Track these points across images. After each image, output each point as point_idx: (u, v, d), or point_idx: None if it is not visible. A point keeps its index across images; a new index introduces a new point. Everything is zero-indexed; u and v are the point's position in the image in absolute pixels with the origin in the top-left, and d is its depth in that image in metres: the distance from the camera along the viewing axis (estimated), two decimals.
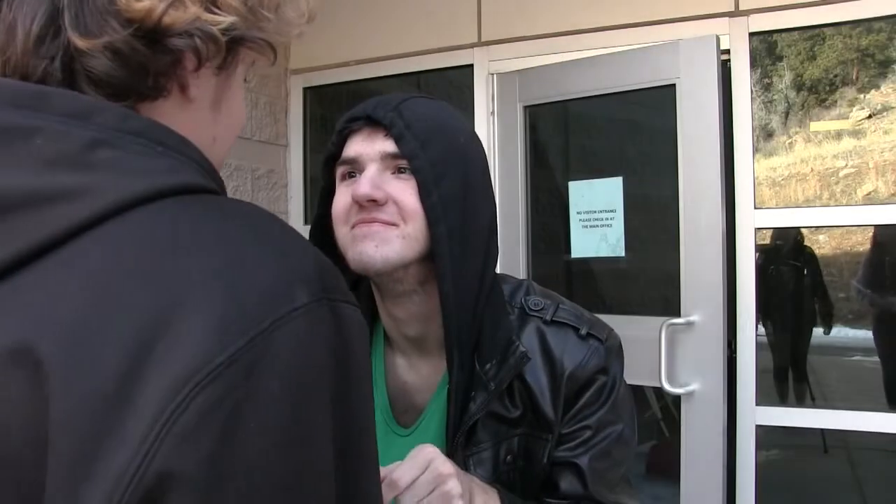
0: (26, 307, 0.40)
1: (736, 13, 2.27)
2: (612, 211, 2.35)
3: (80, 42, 0.44)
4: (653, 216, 2.56)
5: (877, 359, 2.97)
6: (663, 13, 2.36)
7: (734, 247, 2.26)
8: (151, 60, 0.45)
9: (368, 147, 0.88)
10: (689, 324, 2.16)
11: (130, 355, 0.37)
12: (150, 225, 0.41)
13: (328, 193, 0.94)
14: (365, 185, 0.85)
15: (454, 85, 2.83)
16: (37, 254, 0.40)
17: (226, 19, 0.46)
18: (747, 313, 2.25)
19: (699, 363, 2.16)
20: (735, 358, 2.26)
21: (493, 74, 2.62)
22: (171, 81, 0.47)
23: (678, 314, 2.18)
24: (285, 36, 0.52)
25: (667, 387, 2.14)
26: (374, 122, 0.89)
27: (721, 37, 2.20)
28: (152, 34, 0.45)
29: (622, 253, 2.35)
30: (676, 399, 2.31)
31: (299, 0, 0.52)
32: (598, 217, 2.39)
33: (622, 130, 2.71)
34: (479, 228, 0.91)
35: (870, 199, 2.52)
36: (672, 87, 2.19)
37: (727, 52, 2.26)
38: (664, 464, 3.08)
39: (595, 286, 2.68)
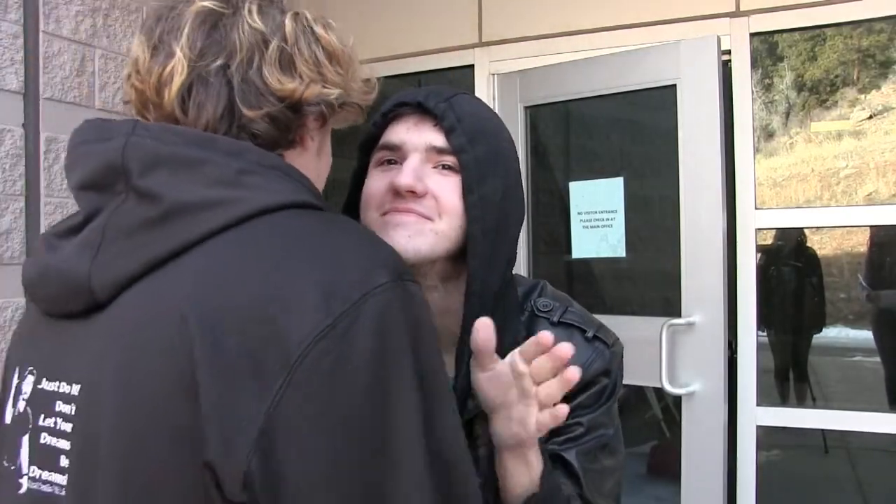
0: (187, 282, 0.58)
1: (737, 13, 2.27)
2: (612, 211, 2.35)
3: (248, 113, 0.66)
4: (653, 216, 2.56)
5: (877, 359, 2.97)
6: (664, 14, 2.36)
7: (735, 247, 2.26)
8: (293, 122, 0.68)
9: (415, 136, 0.88)
10: (690, 324, 2.16)
11: (261, 323, 0.55)
12: (278, 226, 0.61)
13: (361, 175, 0.93)
14: (408, 175, 0.84)
15: (455, 85, 2.83)
16: (202, 240, 0.59)
17: (335, 91, 0.70)
18: (748, 314, 2.24)
19: (700, 364, 2.16)
20: (736, 358, 2.26)
21: (493, 75, 2.62)
22: (299, 136, 0.70)
23: (679, 315, 2.18)
24: (363, 101, 0.75)
25: (667, 387, 2.14)
26: (424, 111, 0.88)
27: (722, 37, 2.19)
28: (296, 105, 0.68)
29: (623, 253, 2.34)
30: (677, 399, 2.31)
31: (371, 77, 0.76)
32: (598, 217, 2.39)
33: (623, 131, 2.71)
34: (510, 233, 0.91)
35: (870, 200, 2.52)
36: (673, 88, 2.19)
37: (728, 52, 2.25)
38: (665, 464, 3.08)
39: (596, 286, 2.68)
